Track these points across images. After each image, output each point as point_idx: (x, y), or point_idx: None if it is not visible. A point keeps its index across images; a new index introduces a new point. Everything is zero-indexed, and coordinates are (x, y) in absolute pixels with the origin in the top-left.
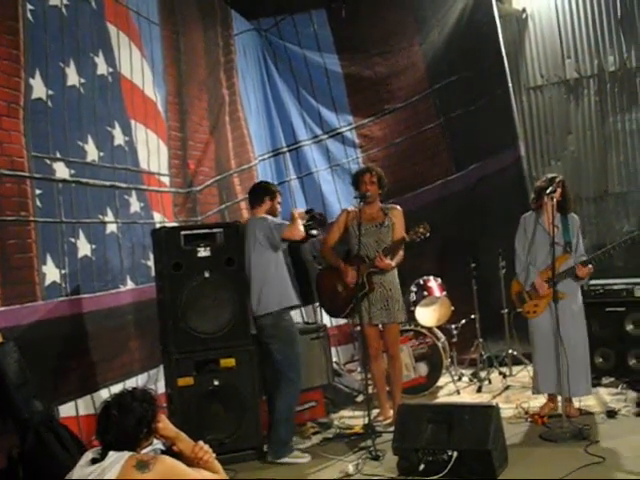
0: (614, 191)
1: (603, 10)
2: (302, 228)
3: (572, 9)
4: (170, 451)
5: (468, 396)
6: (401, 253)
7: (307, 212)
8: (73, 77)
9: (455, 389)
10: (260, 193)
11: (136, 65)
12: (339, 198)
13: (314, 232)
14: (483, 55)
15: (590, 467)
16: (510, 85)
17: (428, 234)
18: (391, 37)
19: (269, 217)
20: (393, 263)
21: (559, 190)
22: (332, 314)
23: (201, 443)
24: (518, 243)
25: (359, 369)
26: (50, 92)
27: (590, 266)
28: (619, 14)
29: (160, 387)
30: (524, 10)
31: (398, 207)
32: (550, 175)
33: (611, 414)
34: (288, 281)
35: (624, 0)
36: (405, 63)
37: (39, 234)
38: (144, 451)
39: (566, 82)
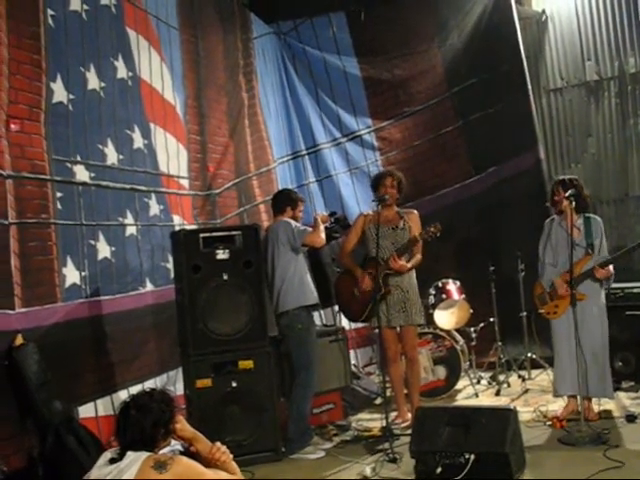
0: (635, 194)
1: (624, 11)
2: (323, 235)
3: (592, 11)
4: (188, 452)
5: (486, 399)
6: (418, 256)
7: (331, 215)
8: (93, 81)
9: (473, 392)
10: (281, 202)
11: (155, 69)
12: (358, 201)
13: (337, 235)
14: (502, 57)
15: (609, 472)
16: (530, 87)
17: (439, 233)
18: (410, 40)
19: (292, 221)
20: (408, 265)
21: (561, 192)
22: (350, 319)
23: (218, 444)
24: (541, 247)
25: (377, 372)
26: (71, 96)
27: (609, 268)
28: None
29: (179, 388)
30: (544, 12)
31: (414, 211)
32: (554, 179)
33: (631, 418)
34: (307, 281)
35: None
36: (424, 66)
37: (59, 236)
38: (162, 452)
39: (586, 84)
